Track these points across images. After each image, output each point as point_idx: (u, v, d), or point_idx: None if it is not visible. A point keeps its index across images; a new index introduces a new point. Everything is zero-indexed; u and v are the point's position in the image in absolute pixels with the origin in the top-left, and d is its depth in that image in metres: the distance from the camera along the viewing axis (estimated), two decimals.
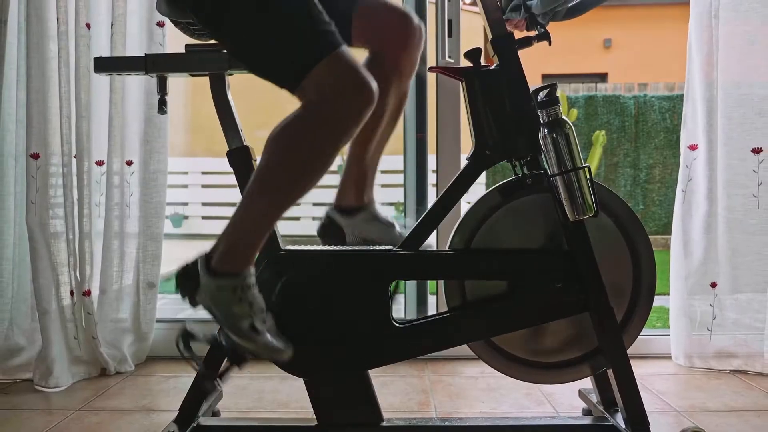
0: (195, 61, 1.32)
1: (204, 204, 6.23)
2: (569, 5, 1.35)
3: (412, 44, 1.36)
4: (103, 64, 1.37)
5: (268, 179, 1.16)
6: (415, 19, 1.36)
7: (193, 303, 1.22)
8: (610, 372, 1.33)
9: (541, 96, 1.26)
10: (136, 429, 1.56)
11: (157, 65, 1.33)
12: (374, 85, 1.11)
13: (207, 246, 1.22)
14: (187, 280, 1.21)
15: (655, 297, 1.38)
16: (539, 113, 1.27)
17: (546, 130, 1.25)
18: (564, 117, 1.25)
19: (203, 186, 6.21)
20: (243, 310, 1.17)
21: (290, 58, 1.12)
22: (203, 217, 6.23)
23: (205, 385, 1.27)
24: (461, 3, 2.13)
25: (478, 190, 1.46)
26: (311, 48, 1.11)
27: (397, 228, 1.44)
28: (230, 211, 1.22)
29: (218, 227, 1.23)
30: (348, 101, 1.10)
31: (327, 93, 1.10)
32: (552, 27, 1.38)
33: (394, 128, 1.45)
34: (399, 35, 1.34)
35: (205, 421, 1.37)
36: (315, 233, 1.49)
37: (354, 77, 1.10)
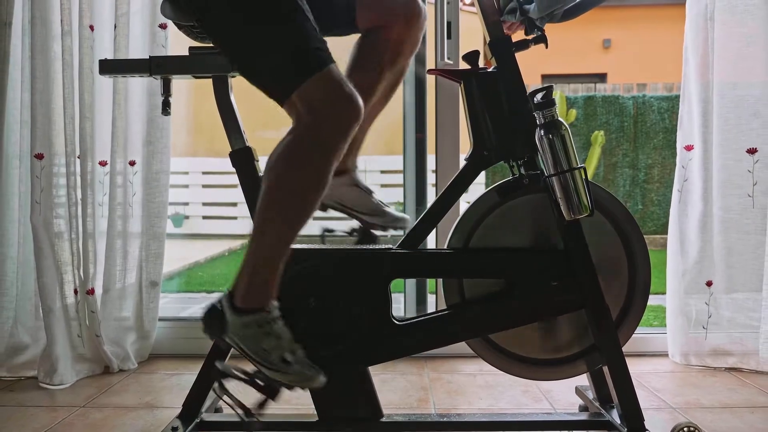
0: (198, 63, 1.35)
1: (204, 204, 6.25)
2: (565, 8, 1.37)
3: (415, 24, 1.39)
4: (108, 66, 1.39)
5: (272, 207, 1.18)
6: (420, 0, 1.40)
7: (223, 343, 1.25)
8: (606, 369, 1.36)
9: (537, 98, 1.29)
10: (140, 425, 1.58)
11: (162, 67, 1.35)
12: (360, 100, 1.15)
13: (216, 294, 1.24)
14: (213, 321, 1.23)
15: (653, 296, 1.41)
16: (536, 115, 1.29)
17: (542, 132, 1.27)
18: (560, 118, 1.28)
19: (204, 186, 6.23)
20: (271, 344, 1.20)
21: (281, 72, 1.16)
22: (204, 217, 6.25)
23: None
24: (460, 3, 2.15)
25: (477, 190, 1.48)
26: (302, 64, 1.14)
27: (375, 197, 1.47)
28: (230, 211, 1.24)
29: (219, 227, 1.25)
30: (336, 116, 1.13)
31: (315, 108, 1.13)
32: (551, 27, 1.41)
33: (386, 104, 1.48)
34: (403, 14, 1.38)
35: (208, 417, 1.40)
36: (315, 233, 1.51)
37: (341, 93, 1.14)
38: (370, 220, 1.46)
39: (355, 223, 1.45)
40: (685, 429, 1.30)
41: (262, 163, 1.41)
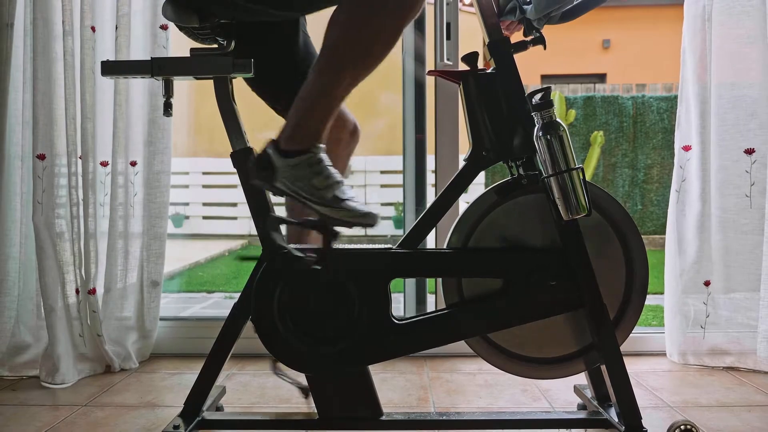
0: (200, 64, 1.35)
1: (205, 204, 6.27)
2: (563, 10, 1.39)
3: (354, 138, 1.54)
4: (110, 68, 1.40)
5: (333, 53, 1.20)
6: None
7: (275, 190, 1.26)
8: (603, 367, 1.37)
9: (535, 99, 1.30)
10: (142, 423, 1.59)
11: (163, 69, 1.36)
12: None
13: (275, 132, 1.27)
14: (263, 170, 1.25)
15: (653, 296, 1.42)
16: (534, 116, 1.30)
17: (541, 132, 1.28)
18: (558, 119, 1.29)
19: (204, 186, 6.25)
20: (322, 182, 1.22)
21: None
22: (204, 217, 6.26)
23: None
24: (459, 4, 2.16)
25: (477, 190, 1.50)
26: None
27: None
28: (231, 211, 1.26)
29: (219, 227, 1.26)
30: None
31: None
32: (551, 28, 1.42)
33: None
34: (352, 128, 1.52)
35: (209, 415, 1.41)
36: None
37: None
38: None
39: (302, 378, 1.37)
40: (682, 427, 1.32)
41: None
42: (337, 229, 1.27)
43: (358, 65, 1.20)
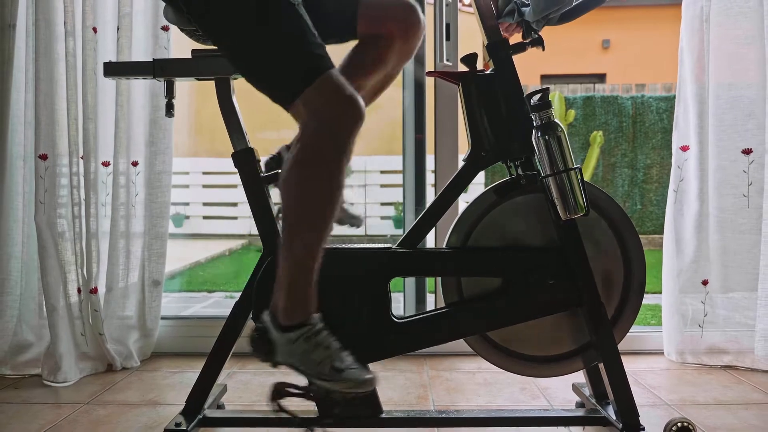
0: (201, 65, 1.37)
1: (205, 204, 6.28)
2: (562, 12, 1.40)
3: (413, 35, 1.42)
4: (113, 69, 1.41)
5: (294, 219, 1.21)
6: (420, 11, 1.42)
7: (273, 364, 1.27)
8: (601, 366, 1.38)
9: (534, 100, 1.31)
10: (144, 421, 1.61)
11: (165, 70, 1.37)
12: (361, 100, 1.18)
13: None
14: (261, 344, 1.26)
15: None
16: (532, 116, 1.32)
17: (539, 133, 1.30)
18: (556, 120, 1.30)
19: (204, 186, 6.26)
20: (321, 355, 1.22)
21: (282, 78, 1.19)
22: (204, 217, 6.28)
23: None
24: (459, 4, 2.17)
25: (477, 190, 1.51)
26: (301, 71, 1.17)
27: None
28: (231, 211, 1.26)
29: (219, 227, 1.26)
30: (339, 118, 1.17)
31: (319, 113, 1.17)
32: (551, 27, 1.44)
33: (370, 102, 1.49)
34: (404, 26, 1.41)
35: (211, 413, 1.42)
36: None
37: (343, 95, 1.17)
38: None
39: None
40: (679, 424, 1.33)
41: (263, 164, 1.44)
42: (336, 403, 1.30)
43: (317, 223, 1.20)
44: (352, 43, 1.44)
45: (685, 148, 2.06)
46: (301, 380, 1.29)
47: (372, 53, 1.40)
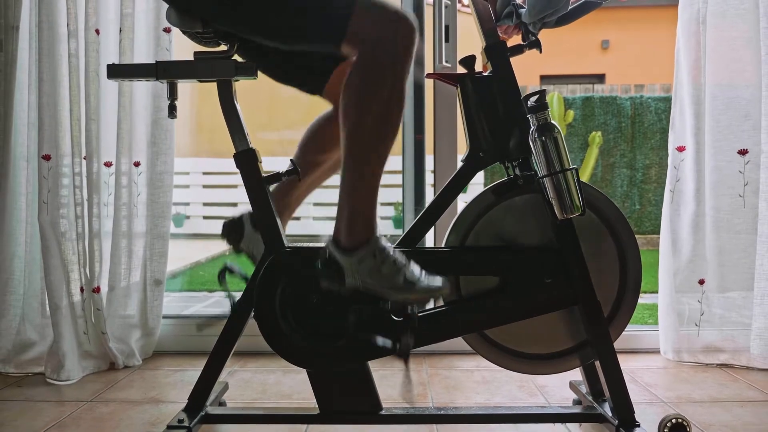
0: (204, 67, 1.38)
1: (205, 204, 6.30)
2: (559, 14, 1.42)
3: None
4: (116, 71, 1.43)
5: (355, 142, 1.23)
6: None
7: (347, 289, 1.29)
8: (598, 363, 1.40)
9: (531, 101, 1.33)
10: (146, 418, 1.63)
11: (168, 72, 1.39)
12: (411, 14, 1.21)
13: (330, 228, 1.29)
14: (331, 270, 1.28)
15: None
16: (530, 118, 1.34)
17: (536, 134, 1.32)
18: (553, 121, 1.32)
19: (204, 186, 6.28)
20: (390, 269, 1.24)
21: (328, 17, 1.22)
22: (205, 217, 6.30)
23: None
24: (459, 4, 2.18)
25: (477, 189, 1.53)
26: (344, 3, 1.20)
27: None
28: (231, 211, 1.28)
29: (219, 227, 1.27)
30: (391, 35, 1.19)
31: (369, 36, 1.19)
32: (551, 28, 1.46)
33: (331, 175, 1.54)
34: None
35: (212, 410, 1.44)
36: (315, 233, 1.54)
37: (391, 11, 1.20)
38: None
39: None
40: (674, 421, 1.35)
41: (264, 164, 1.45)
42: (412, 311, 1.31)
43: (380, 146, 1.23)
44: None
45: (681, 149, 2.08)
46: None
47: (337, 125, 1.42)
